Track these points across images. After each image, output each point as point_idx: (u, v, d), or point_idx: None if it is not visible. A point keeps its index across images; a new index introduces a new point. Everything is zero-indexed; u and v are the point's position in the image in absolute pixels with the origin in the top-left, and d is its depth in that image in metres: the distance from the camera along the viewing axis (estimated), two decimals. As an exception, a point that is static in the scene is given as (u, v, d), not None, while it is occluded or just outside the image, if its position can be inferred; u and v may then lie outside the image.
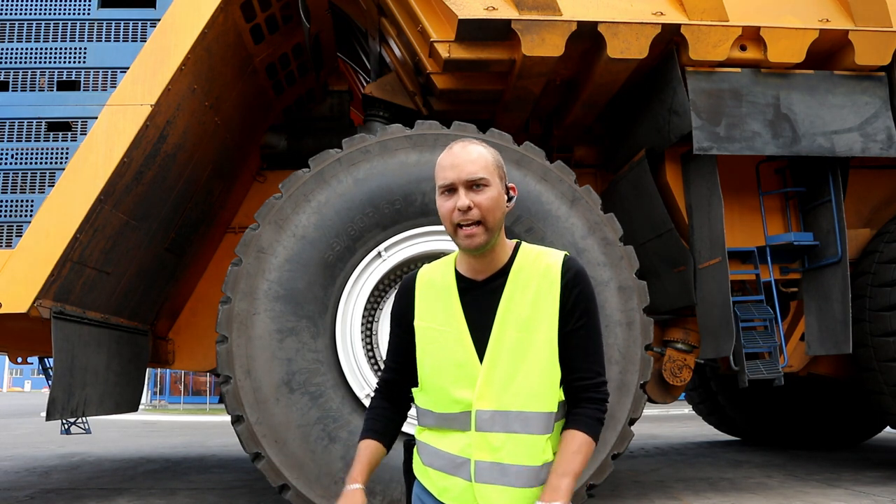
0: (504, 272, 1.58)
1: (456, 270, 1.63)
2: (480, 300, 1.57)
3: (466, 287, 1.60)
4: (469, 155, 1.52)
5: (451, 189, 1.52)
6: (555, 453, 1.53)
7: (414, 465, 1.66)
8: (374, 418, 1.72)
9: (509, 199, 1.57)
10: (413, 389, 1.68)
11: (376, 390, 1.77)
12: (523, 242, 1.64)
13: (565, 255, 1.60)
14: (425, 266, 1.70)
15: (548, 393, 1.53)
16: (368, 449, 1.65)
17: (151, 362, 5.49)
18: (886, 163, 5.11)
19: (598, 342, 1.59)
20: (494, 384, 1.52)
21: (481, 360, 1.54)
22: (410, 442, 1.72)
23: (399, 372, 1.71)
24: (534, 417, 1.51)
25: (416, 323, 1.62)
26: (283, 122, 5.82)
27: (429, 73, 4.60)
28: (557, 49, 4.25)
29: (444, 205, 1.53)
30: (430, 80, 4.67)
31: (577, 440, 1.50)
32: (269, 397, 3.72)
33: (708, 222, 4.64)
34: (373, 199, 3.96)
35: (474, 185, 1.50)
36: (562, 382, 1.55)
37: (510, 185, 1.59)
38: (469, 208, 1.49)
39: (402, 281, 1.70)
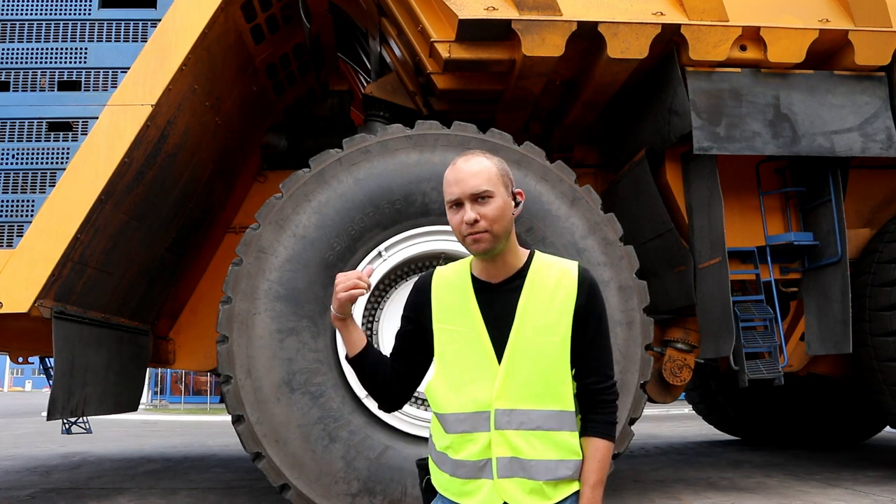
0: (520, 275, 1.63)
1: (471, 273, 1.67)
2: (496, 301, 1.62)
3: (482, 288, 1.64)
4: (472, 168, 1.57)
5: (457, 203, 1.57)
6: (575, 451, 1.59)
7: (435, 481, 1.67)
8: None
9: (517, 205, 1.62)
10: (430, 393, 1.68)
11: None
12: (537, 251, 1.70)
13: (579, 264, 1.69)
14: (440, 267, 1.74)
15: (561, 391, 1.59)
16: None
17: (152, 362, 5.50)
18: (886, 163, 5.10)
19: (608, 346, 1.69)
20: (513, 383, 1.57)
21: (499, 359, 1.58)
22: (423, 463, 1.74)
23: (396, 358, 1.75)
24: (549, 415, 1.58)
25: (435, 325, 1.65)
26: (284, 122, 5.82)
27: (429, 73, 4.60)
28: (558, 49, 4.26)
29: (453, 218, 1.59)
30: (431, 81, 4.67)
31: (602, 449, 1.60)
32: (270, 397, 3.72)
33: (708, 222, 4.64)
34: (373, 199, 3.96)
35: (479, 197, 1.55)
36: (577, 385, 1.63)
37: (517, 190, 1.63)
38: (475, 221, 1.54)
39: (418, 279, 1.75)
